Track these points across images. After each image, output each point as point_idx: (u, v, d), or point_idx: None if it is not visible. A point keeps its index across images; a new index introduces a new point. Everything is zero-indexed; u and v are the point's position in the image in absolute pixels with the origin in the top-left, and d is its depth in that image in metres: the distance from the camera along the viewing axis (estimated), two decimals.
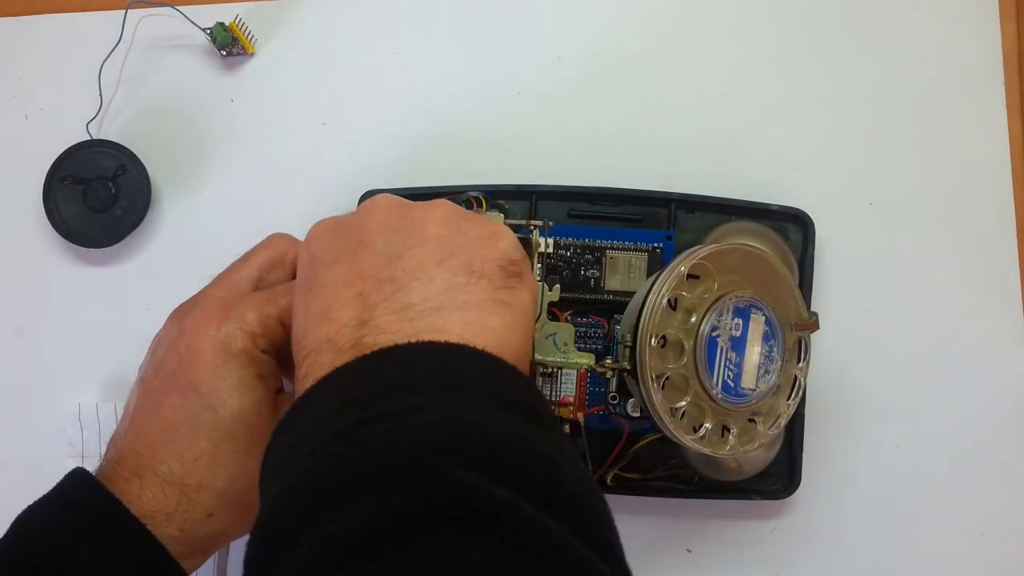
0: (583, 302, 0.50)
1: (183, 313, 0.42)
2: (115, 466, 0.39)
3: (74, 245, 0.55)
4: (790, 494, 0.51)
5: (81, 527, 0.36)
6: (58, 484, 0.38)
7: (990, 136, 0.55)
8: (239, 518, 0.40)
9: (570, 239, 0.50)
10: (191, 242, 0.56)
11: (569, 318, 0.50)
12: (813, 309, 0.46)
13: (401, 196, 0.52)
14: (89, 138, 0.55)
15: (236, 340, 0.40)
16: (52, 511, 0.37)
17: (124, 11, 0.56)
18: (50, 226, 0.54)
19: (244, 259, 0.45)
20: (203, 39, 0.55)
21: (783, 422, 0.44)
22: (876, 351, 0.54)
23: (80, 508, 0.37)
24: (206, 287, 0.44)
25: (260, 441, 0.38)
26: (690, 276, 0.42)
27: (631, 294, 0.49)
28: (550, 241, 0.43)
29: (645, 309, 0.41)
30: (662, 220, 0.52)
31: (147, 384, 0.41)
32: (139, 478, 0.38)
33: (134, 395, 0.42)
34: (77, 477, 0.38)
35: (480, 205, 0.51)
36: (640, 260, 0.50)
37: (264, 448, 0.35)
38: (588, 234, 0.50)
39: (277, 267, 0.44)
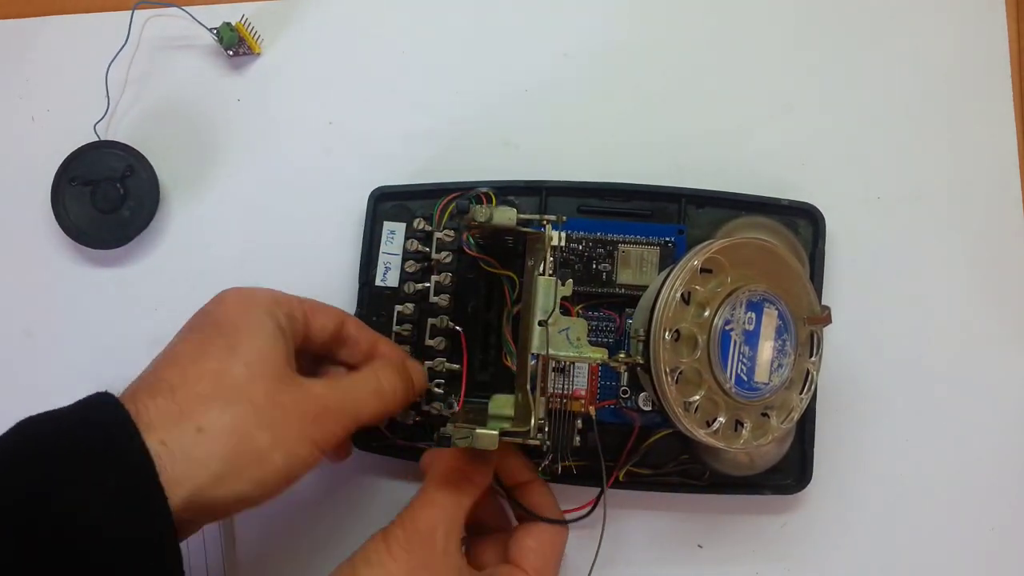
0: (595, 296, 0.50)
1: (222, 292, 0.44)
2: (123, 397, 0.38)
3: (82, 246, 0.55)
4: (801, 489, 0.51)
5: (95, 463, 0.34)
6: (80, 404, 0.37)
7: (998, 132, 0.55)
8: (231, 451, 0.37)
9: (582, 233, 0.50)
10: (200, 242, 0.56)
11: (581, 312, 0.50)
12: (824, 303, 0.46)
13: (410, 193, 0.53)
14: (97, 139, 0.55)
15: (261, 294, 0.43)
16: (69, 431, 0.36)
17: (131, 12, 0.56)
18: (58, 227, 0.54)
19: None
20: (210, 39, 0.56)
21: (796, 416, 0.44)
22: (886, 345, 0.54)
23: (100, 443, 0.35)
24: None
25: (270, 373, 0.40)
26: (703, 270, 0.42)
27: (643, 288, 0.49)
28: (562, 235, 0.43)
29: (658, 303, 0.41)
30: (672, 215, 0.52)
31: (170, 341, 0.42)
32: (138, 394, 0.37)
33: (169, 347, 0.42)
34: (101, 399, 0.37)
35: (490, 201, 0.51)
36: (652, 254, 0.50)
37: (274, 382, 0.39)
38: (600, 228, 0.50)
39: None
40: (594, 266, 0.50)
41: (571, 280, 0.43)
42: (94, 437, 0.35)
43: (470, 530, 0.46)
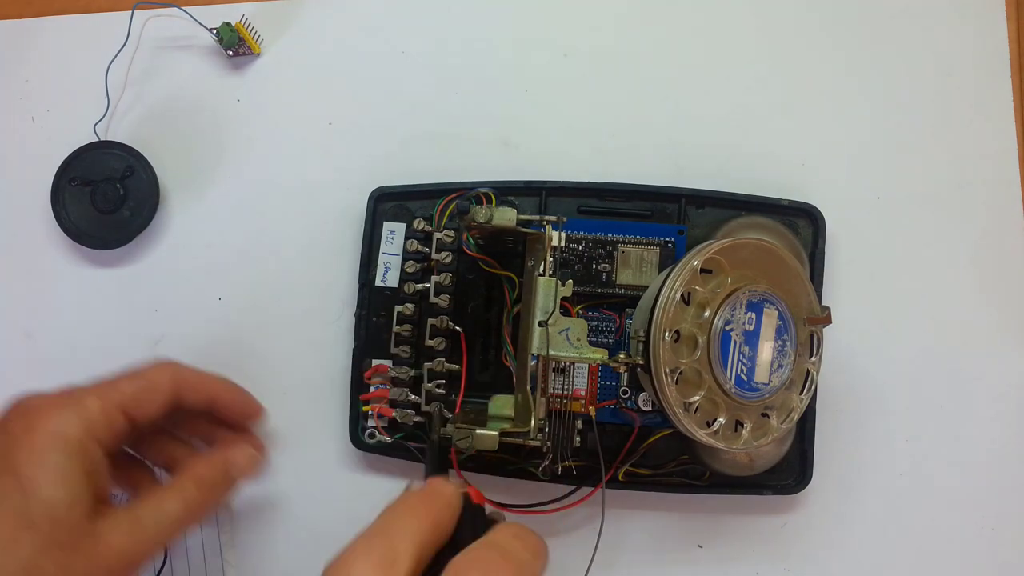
0: (595, 296, 0.50)
1: (27, 400, 0.41)
2: None
3: (82, 247, 0.55)
4: (801, 489, 0.51)
5: None
6: None
7: (998, 132, 0.55)
8: None
9: (582, 233, 0.50)
10: (199, 242, 0.56)
11: (581, 312, 0.50)
12: (824, 303, 0.46)
13: (410, 193, 0.53)
14: (96, 139, 0.55)
15: (72, 426, 0.39)
16: None
17: (130, 12, 0.56)
18: (58, 228, 0.54)
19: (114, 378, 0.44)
20: (209, 39, 0.56)
21: (796, 416, 0.44)
22: (886, 345, 0.54)
23: None
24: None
25: (64, 541, 0.37)
26: (703, 271, 0.42)
27: (643, 288, 0.49)
28: (561, 235, 0.43)
29: (658, 304, 0.41)
30: (672, 215, 0.52)
31: None
32: None
33: None
34: None
35: (490, 201, 0.51)
36: (652, 254, 0.50)
37: (67, 552, 0.36)
38: (600, 228, 0.50)
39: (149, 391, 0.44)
40: (594, 266, 0.50)
41: (571, 280, 0.43)
42: None
43: None
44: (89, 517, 0.39)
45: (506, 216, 0.43)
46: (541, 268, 0.43)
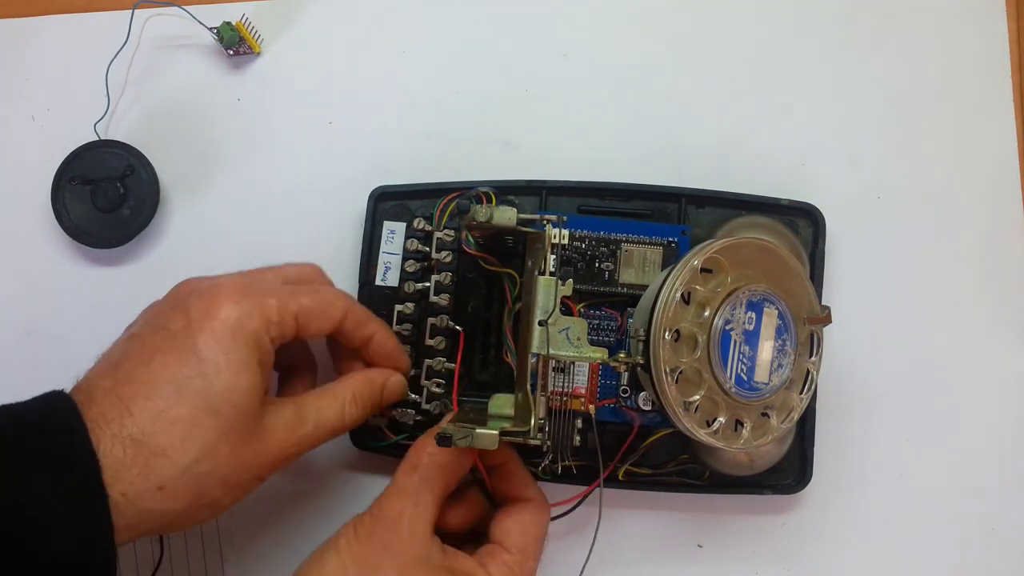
0: (597, 295, 0.50)
1: (197, 282, 0.42)
2: (83, 403, 0.37)
3: (82, 246, 0.55)
4: (801, 488, 0.51)
5: (41, 456, 0.35)
6: (37, 399, 0.38)
7: (998, 132, 0.55)
8: (187, 506, 0.38)
9: (586, 231, 0.50)
10: (200, 241, 0.56)
11: (583, 310, 0.50)
12: (824, 303, 0.46)
13: (410, 193, 0.53)
14: (97, 138, 0.55)
15: (252, 318, 0.40)
16: (18, 426, 0.37)
17: (131, 11, 0.56)
18: (58, 227, 0.54)
19: (272, 267, 0.46)
20: (210, 39, 0.56)
21: (796, 416, 0.44)
22: (886, 345, 0.54)
23: (50, 433, 0.36)
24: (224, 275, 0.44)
25: (240, 428, 0.39)
26: (703, 270, 0.42)
27: (645, 288, 0.49)
28: (564, 232, 0.43)
29: (658, 303, 0.41)
30: (672, 215, 0.52)
31: (141, 338, 0.41)
32: (104, 422, 0.37)
33: (119, 345, 0.41)
34: (59, 401, 0.37)
35: (490, 201, 0.51)
36: (655, 254, 0.50)
37: (241, 438, 0.37)
38: (604, 227, 0.50)
39: (305, 282, 0.46)
40: (597, 265, 0.50)
41: (571, 280, 0.43)
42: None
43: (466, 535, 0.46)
44: (261, 407, 0.40)
45: (506, 215, 0.43)
46: (541, 267, 0.43)
